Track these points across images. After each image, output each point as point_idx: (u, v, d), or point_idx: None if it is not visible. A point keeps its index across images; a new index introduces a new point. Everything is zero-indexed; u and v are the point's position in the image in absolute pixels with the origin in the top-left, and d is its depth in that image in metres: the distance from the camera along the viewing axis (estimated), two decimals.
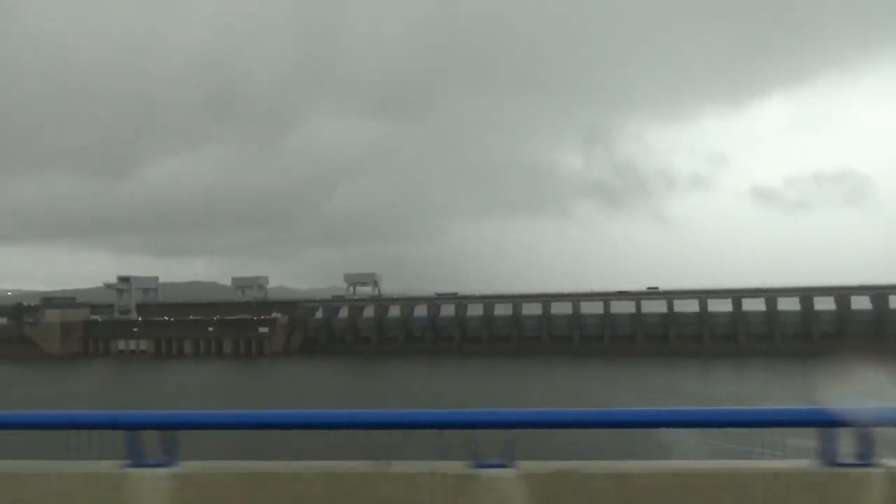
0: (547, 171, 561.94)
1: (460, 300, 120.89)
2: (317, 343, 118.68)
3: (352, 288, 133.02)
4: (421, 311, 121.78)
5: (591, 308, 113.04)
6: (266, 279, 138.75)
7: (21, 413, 6.97)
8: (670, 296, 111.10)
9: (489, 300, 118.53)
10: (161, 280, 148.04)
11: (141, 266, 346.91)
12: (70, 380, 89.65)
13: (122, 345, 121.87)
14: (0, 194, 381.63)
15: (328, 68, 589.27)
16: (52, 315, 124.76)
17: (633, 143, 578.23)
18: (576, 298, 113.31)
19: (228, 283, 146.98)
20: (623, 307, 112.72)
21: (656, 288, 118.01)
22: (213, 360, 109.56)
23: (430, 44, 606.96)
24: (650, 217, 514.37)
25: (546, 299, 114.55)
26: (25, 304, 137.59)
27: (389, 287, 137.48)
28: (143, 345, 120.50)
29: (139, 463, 5.43)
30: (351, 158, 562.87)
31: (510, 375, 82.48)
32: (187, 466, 5.41)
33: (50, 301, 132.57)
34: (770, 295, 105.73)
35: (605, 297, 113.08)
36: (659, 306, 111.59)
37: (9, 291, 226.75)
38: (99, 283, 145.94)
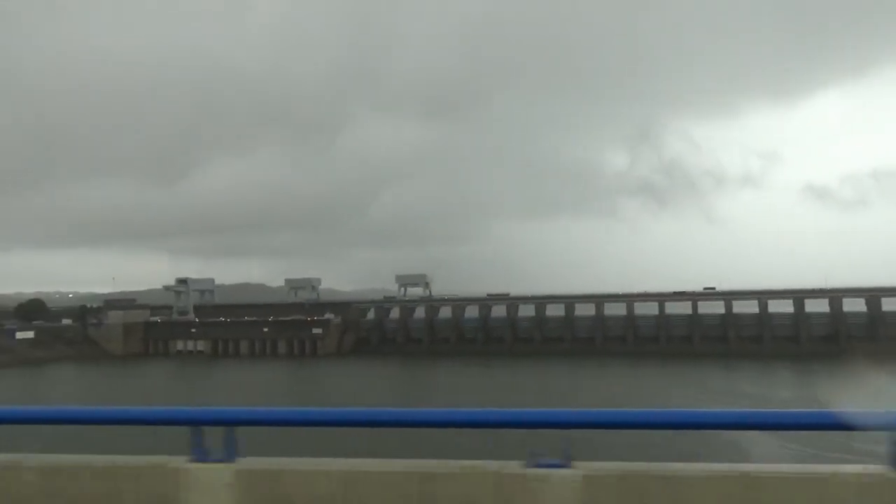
0: (593, 171, 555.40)
1: (512, 301, 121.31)
2: (369, 343, 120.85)
3: (403, 289, 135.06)
4: (472, 311, 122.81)
5: (646, 309, 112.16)
6: (319, 280, 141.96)
7: None
8: (728, 296, 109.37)
9: (541, 301, 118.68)
10: (222, 281, 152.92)
11: (192, 269, 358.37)
12: (134, 379, 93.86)
13: (180, 345, 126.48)
14: (62, 201, 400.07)
15: (376, 72, 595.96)
16: (115, 317, 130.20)
17: (680, 141, 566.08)
18: (630, 299, 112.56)
19: (278, 284, 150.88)
20: (678, 308, 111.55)
21: (713, 288, 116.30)
22: (269, 361, 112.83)
23: (477, 45, 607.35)
24: (699, 216, 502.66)
25: (599, 300, 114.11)
26: (89, 306, 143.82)
27: (436, 288, 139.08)
28: (201, 345, 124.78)
29: (201, 458, 5.67)
30: (398, 160, 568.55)
31: (563, 376, 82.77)
32: (245, 462, 5.65)
33: (112, 303, 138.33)
34: (835, 295, 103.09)
35: (661, 297, 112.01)
36: (716, 307, 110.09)
37: (70, 294, 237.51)
38: (153, 286, 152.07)
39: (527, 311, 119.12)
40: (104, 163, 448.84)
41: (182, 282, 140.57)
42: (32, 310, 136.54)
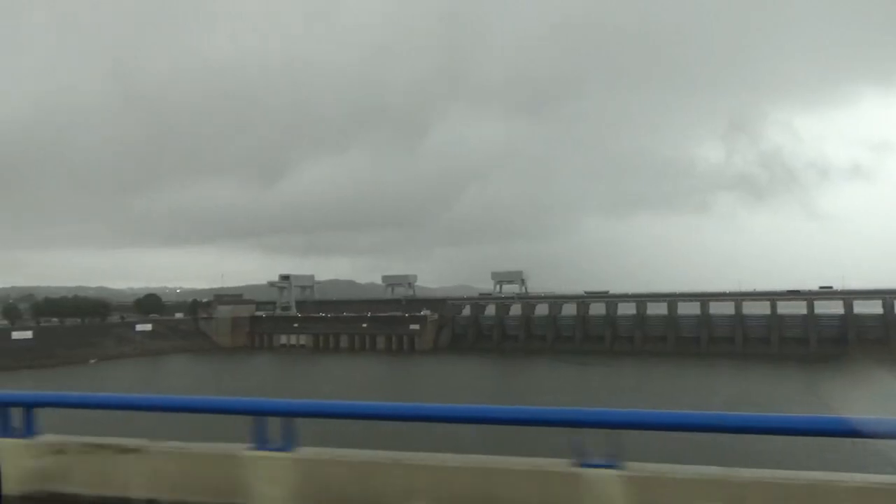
0: (685, 165, 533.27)
1: (611, 298, 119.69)
2: (465, 340, 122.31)
3: (498, 286, 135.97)
4: (568, 309, 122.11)
5: (755, 308, 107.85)
6: (415, 277, 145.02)
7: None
8: (848, 296, 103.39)
9: (642, 299, 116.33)
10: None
11: (284, 266, 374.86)
12: (244, 369, 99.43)
13: (284, 339, 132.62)
14: (169, 204, 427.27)
15: (466, 70, 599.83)
16: (223, 311, 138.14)
17: (780, 133, 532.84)
18: (738, 298, 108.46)
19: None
20: (791, 308, 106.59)
21: (830, 287, 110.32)
22: (368, 355, 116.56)
23: (569, 39, 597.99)
24: (801, 211, 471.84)
25: (704, 298, 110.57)
26: (200, 301, 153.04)
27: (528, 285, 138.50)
28: (303, 339, 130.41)
29: (262, 447, 5.99)
30: (484, 158, 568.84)
31: (665, 378, 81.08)
32: (303, 452, 5.96)
33: (221, 298, 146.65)
34: None
35: (772, 296, 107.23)
36: (834, 307, 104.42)
37: (178, 289, 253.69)
38: (248, 282, 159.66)
39: (625, 309, 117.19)
40: (208, 166, 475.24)
41: (285, 278, 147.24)
42: (149, 304, 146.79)
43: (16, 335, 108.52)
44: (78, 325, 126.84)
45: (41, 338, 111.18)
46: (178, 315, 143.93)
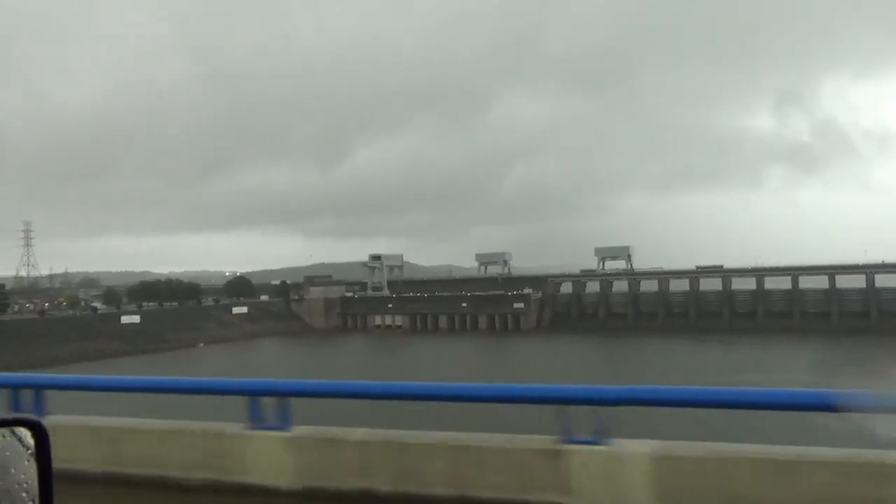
0: (738, 139, 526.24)
1: (726, 273, 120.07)
2: (567, 318, 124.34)
3: (601, 262, 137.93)
4: (676, 285, 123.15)
5: (889, 281, 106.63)
6: (510, 255, 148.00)
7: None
8: None
9: (761, 273, 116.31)
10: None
11: (327, 246, 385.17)
12: (352, 353, 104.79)
13: (378, 320, 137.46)
14: (222, 189, 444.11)
15: (525, 50, 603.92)
16: (315, 292, 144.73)
17: (835, 102, 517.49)
18: (870, 270, 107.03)
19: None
20: None
21: None
22: (470, 336, 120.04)
23: (624, 17, 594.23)
24: (868, 183, 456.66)
25: (832, 272, 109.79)
26: (286, 282, 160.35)
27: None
28: (399, 320, 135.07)
29: (258, 426, 6.39)
30: (535, 135, 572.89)
31: (791, 356, 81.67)
32: (298, 430, 6.36)
33: (312, 279, 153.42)
34: None
35: None
36: None
37: (238, 272, 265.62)
38: (289, 264, 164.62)
39: (739, 284, 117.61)
40: (264, 152, 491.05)
41: (376, 258, 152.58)
42: (239, 287, 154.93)
43: (125, 319, 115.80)
44: (177, 308, 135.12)
45: (148, 322, 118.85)
46: (264, 297, 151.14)
